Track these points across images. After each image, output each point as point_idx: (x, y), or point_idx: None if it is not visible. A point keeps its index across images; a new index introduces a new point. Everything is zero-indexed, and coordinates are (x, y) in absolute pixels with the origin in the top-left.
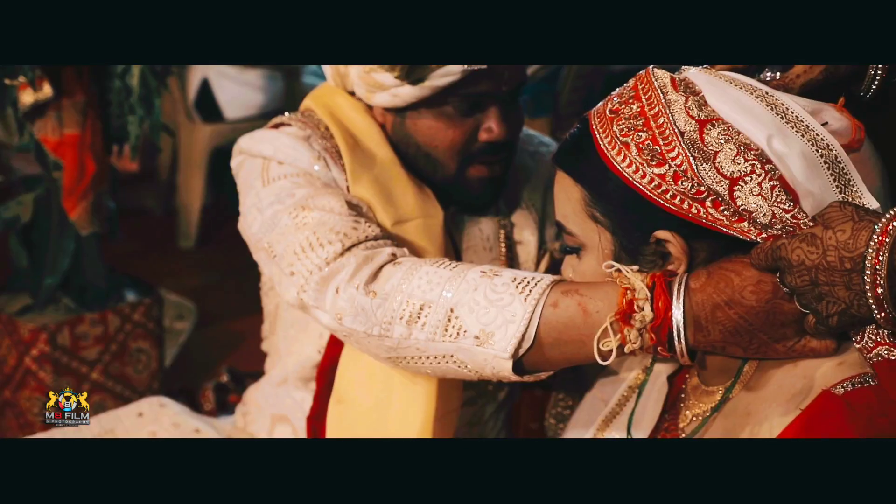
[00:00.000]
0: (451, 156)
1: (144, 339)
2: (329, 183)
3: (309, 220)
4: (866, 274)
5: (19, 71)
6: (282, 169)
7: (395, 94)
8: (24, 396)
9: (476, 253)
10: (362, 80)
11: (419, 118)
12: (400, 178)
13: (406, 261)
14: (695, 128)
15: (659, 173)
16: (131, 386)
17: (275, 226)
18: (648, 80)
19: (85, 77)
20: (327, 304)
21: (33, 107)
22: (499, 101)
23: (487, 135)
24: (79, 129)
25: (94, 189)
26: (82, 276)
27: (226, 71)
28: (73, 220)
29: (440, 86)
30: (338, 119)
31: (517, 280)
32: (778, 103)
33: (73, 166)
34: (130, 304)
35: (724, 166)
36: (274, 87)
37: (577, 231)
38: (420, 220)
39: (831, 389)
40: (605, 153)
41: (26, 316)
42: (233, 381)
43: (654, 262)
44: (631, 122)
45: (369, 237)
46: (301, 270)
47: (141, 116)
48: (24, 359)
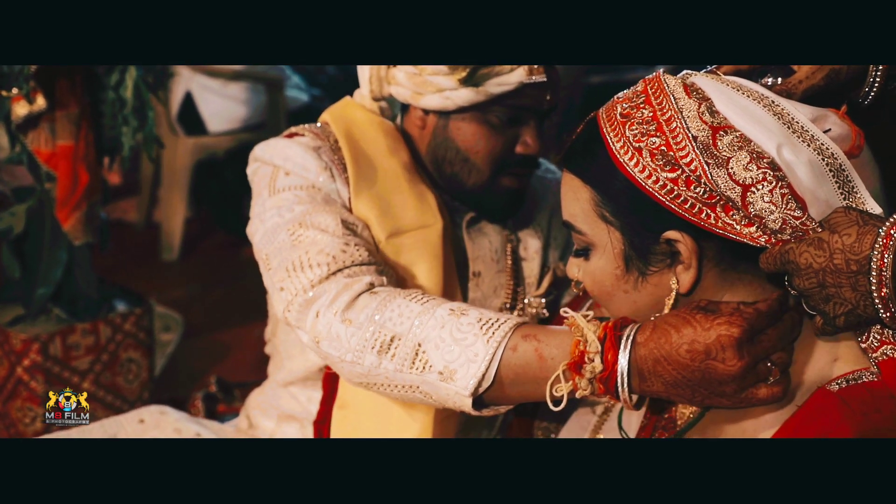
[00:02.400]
0: (488, 163)
1: (135, 350)
2: (331, 195)
3: (304, 239)
4: (872, 276)
5: (14, 83)
6: (287, 180)
7: (448, 97)
8: (16, 406)
9: (484, 262)
10: (412, 81)
11: (463, 123)
12: (402, 189)
13: (382, 291)
14: (708, 134)
15: (671, 178)
16: (122, 396)
17: (273, 239)
18: (659, 85)
19: (78, 88)
20: (308, 326)
21: (26, 119)
22: (537, 118)
23: (523, 148)
24: (72, 141)
25: (87, 199)
26: (74, 287)
27: (209, 84)
28: (66, 230)
29: (494, 93)
30: (349, 132)
31: (482, 321)
32: (784, 113)
33: (67, 177)
34: (121, 314)
35: (737, 173)
36: (257, 100)
37: (586, 230)
38: (417, 231)
39: (826, 386)
40: (616, 157)
41: (18, 326)
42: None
43: (664, 260)
44: (644, 127)
45: (356, 262)
46: (289, 288)
47: (135, 128)
48: (15, 369)
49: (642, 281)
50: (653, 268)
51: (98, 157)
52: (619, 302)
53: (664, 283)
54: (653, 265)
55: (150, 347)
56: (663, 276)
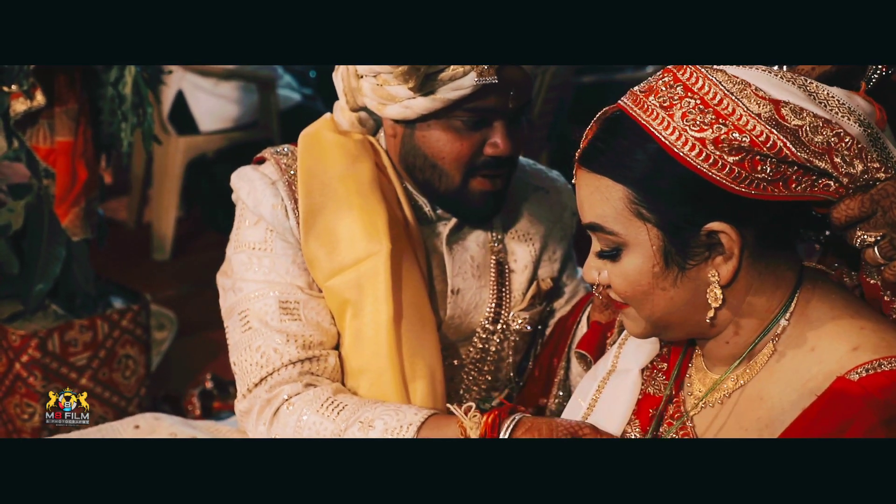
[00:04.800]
0: (457, 167)
1: (132, 346)
2: (285, 235)
3: (250, 329)
4: None
5: (14, 80)
6: (248, 234)
7: (407, 106)
8: (13, 402)
9: (464, 279)
10: (375, 93)
11: (428, 130)
12: (352, 218)
13: (298, 403)
14: (770, 108)
15: (737, 161)
16: (119, 392)
17: (230, 314)
18: (695, 73)
19: (77, 85)
20: (249, 427)
21: (25, 115)
22: (505, 118)
23: (493, 149)
24: (71, 137)
25: (86, 196)
26: (72, 283)
27: (200, 83)
28: (64, 225)
29: (451, 99)
30: (311, 162)
31: (388, 431)
32: (819, 92)
33: (66, 173)
34: (119, 310)
35: (814, 139)
36: (248, 100)
37: (620, 230)
38: (365, 262)
39: (846, 376)
40: (672, 149)
41: (16, 322)
42: (217, 388)
43: (703, 253)
44: (698, 116)
45: (284, 362)
46: (237, 379)
47: (133, 124)
48: (13, 365)
49: (681, 276)
50: (691, 262)
51: (96, 153)
52: (656, 300)
53: (702, 276)
54: (692, 259)
55: (146, 344)
56: (701, 269)
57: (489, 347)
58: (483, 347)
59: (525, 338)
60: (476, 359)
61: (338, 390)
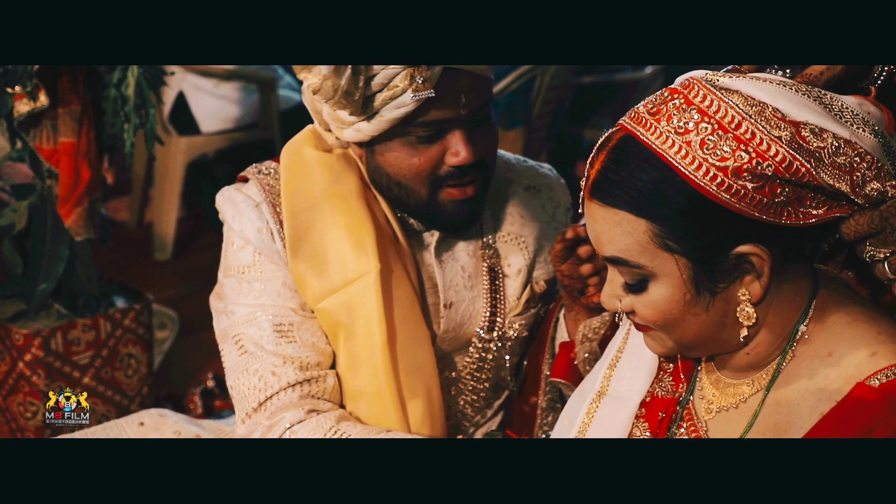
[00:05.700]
0: (420, 182)
1: (135, 345)
2: (272, 257)
3: (245, 353)
4: None
5: (18, 81)
6: (236, 257)
7: (358, 130)
8: (17, 401)
9: (457, 291)
10: (330, 118)
11: (386, 150)
12: (339, 238)
13: (301, 432)
14: (791, 131)
15: (757, 188)
16: (121, 391)
17: (224, 338)
18: (711, 97)
19: (81, 86)
20: None
21: (28, 116)
22: (462, 125)
23: (455, 159)
24: (74, 138)
25: (89, 196)
26: (75, 282)
27: (201, 84)
28: (68, 226)
29: (396, 117)
30: (294, 181)
31: None
32: (833, 104)
33: (69, 174)
34: (121, 310)
35: (835, 160)
36: (249, 100)
37: (646, 263)
38: (354, 283)
39: (866, 381)
40: (696, 182)
41: (19, 322)
42: (219, 387)
43: (732, 274)
44: (719, 143)
45: (282, 386)
46: (235, 404)
47: (136, 125)
48: (17, 364)
49: (712, 301)
50: (721, 284)
51: (99, 154)
52: (687, 325)
53: (732, 297)
54: (722, 282)
55: (149, 343)
56: (731, 290)
57: (486, 356)
58: (480, 357)
59: (521, 342)
60: (473, 368)
61: (341, 417)
